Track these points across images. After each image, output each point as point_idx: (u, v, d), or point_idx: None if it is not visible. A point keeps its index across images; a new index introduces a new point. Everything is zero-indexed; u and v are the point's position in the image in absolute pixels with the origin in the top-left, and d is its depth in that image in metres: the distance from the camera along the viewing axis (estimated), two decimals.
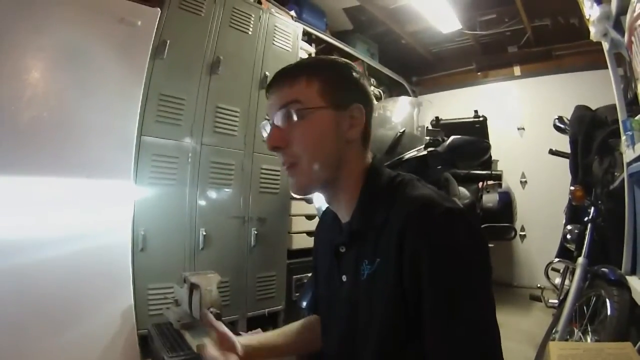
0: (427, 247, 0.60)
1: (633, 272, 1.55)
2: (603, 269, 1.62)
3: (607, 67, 1.89)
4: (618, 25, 1.48)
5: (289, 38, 2.82)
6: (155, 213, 2.04)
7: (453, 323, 0.58)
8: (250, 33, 2.55)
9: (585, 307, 1.67)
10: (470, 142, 2.09)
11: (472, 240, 0.63)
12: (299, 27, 2.95)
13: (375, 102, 0.81)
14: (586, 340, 1.57)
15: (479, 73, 4.48)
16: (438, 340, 0.59)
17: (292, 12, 3.01)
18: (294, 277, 2.75)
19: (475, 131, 3.54)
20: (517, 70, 4.25)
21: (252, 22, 2.56)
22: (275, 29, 2.72)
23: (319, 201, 2.01)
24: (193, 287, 1.51)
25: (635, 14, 1.14)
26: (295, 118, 0.70)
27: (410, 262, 0.61)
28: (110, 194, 1.56)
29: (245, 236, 2.48)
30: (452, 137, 2.04)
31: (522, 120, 4.20)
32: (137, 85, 1.63)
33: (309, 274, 2.74)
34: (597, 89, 2.56)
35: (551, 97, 3.84)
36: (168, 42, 2.05)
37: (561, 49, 3.92)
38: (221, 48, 2.36)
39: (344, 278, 0.76)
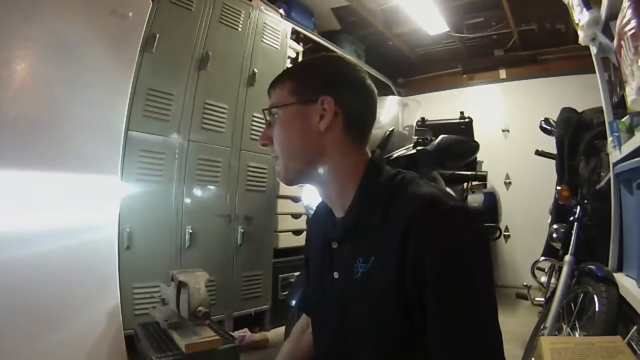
0: (431, 247, 0.60)
1: (619, 269, 1.59)
2: (590, 266, 1.65)
3: (591, 72, 1.94)
4: (607, 30, 1.51)
5: (277, 36, 2.81)
6: (141, 210, 1.99)
7: (455, 323, 0.58)
8: (239, 30, 2.52)
9: (572, 304, 1.69)
10: (459, 141, 2.10)
11: (476, 240, 0.63)
12: (288, 26, 2.94)
13: (369, 93, 0.80)
14: (575, 336, 1.59)
15: (464, 75, 4.54)
16: (440, 341, 0.59)
17: (281, 10, 2.99)
18: (280, 276, 2.73)
19: (461, 132, 3.58)
20: (502, 73, 4.33)
21: (241, 19, 2.53)
22: (264, 27, 2.70)
23: (308, 199, 2.00)
24: (181, 285, 1.48)
25: (625, 20, 1.16)
26: (272, 118, 0.77)
27: (414, 261, 0.61)
28: (97, 190, 1.51)
29: (231, 235, 2.45)
30: (441, 136, 2.05)
31: (507, 123, 4.28)
32: (126, 79, 1.58)
33: (296, 273, 2.73)
34: (581, 93, 2.64)
35: (536, 101, 3.93)
36: (157, 36, 2.01)
37: (546, 53, 4.01)
38: (210, 44, 2.33)
39: (336, 275, 0.75)
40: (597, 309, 1.48)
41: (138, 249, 1.95)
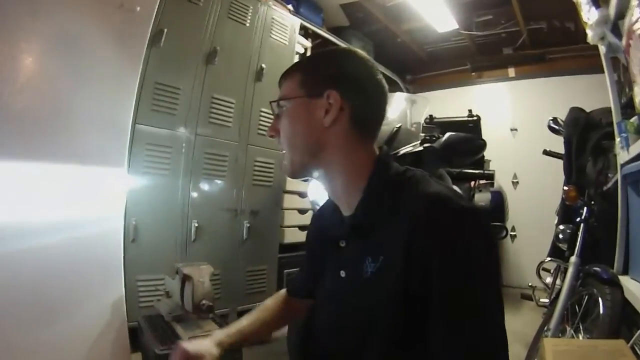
0: (437, 246, 0.59)
1: (625, 272, 1.57)
2: (595, 268, 1.63)
3: (599, 72, 1.92)
4: (615, 30, 1.49)
5: (285, 31, 2.80)
6: (147, 203, 2.01)
7: (457, 325, 0.58)
8: (247, 25, 2.52)
9: (577, 306, 1.69)
10: (466, 139, 2.09)
11: (484, 241, 0.62)
12: (296, 21, 2.94)
13: (379, 89, 0.80)
14: (578, 338, 1.58)
15: (473, 73, 4.50)
16: (441, 342, 0.59)
17: (290, 6, 2.98)
18: (285, 271, 2.73)
19: (469, 130, 3.57)
20: (511, 71, 4.28)
21: (249, 14, 2.53)
22: (272, 22, 2.70)
23: (314, 194, 2.00)
24: (185, 278, 1.49)
25: (633, 19, 1.15)
26: (280, 110, 0.77)
27: (419, 260, 0.60)
28: (104, 182, 1.52)
29: (237, 229, 2.46)
30: (448, 134, 2.04)
31: (515, 121, 4.24)
32: (134, 73, 1.58)
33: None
34: (589, 93, 2.60)
35: (544, 99, 3.88)
36: (165, 30, 2.01)
37: (555, 52, 3.96)
38: (218, 39, 2.33)
39: (343, 274, 0.74)
40: (601, 311, 1.48)
41: (144, 242, 1.97)
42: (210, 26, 2.29)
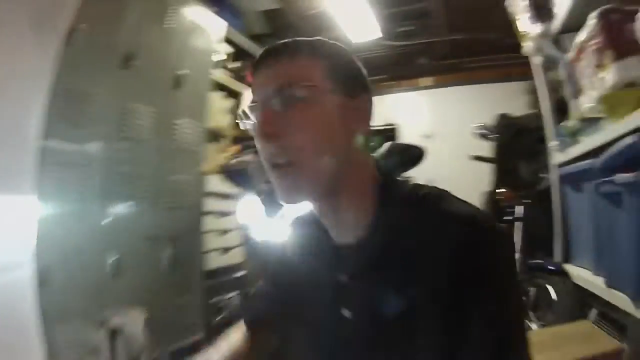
0: (478, 270, 0.53)
1: (565, 261, 1.71)
2: (539, 261, 1.77)
3: (515, 80, 2.10)
4: (556, 43, 1.62)
5: (207, 36, 2.59)
6: (56, 236, 1.60)
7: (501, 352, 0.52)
8: (168, 27, 2.25)
9: (525, 298, 1.80)
10: (407, 148, 2.13)
11: (514, 262, 0.60)
12: (218, 26, 2.75)
13: None
14: (533, 327, 1.69)
15: (391, 82, 4.60)
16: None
17: (212, 11, 2.77)
18: (212, 299, 2.48)
19: (386, 138, 3.69)
20: (429, 80, 4.46)
21: (171, 16, 2.26)
22: (194, 26, 2.47)
23: (244, 217, 1.87)
24: (115, 331, 1.21)
25: (589, 35, 1.25)
26: (300, 100, 0.57)
27: (457, 288, 0.52)
28: (6, 214, 1.16)
29: (158, 258, 2.14)
30: (391, 143, 2.07)
31: (432, 129, 4.36)
32: (44, 76, 1.24)
33: (229, 295, 2.55)
34: (506, 100, 2.86)
35: (461, 107, 4.10)
36: (79, 27, 1.64)
37: (475, 62, 4.16)
38: (137, 41, 2.01)
39: (347, 314, 0.62)
40: (554, 298, 1.60)
41: (58, 285, 1.55)
42: (128, 26, 1.96)
